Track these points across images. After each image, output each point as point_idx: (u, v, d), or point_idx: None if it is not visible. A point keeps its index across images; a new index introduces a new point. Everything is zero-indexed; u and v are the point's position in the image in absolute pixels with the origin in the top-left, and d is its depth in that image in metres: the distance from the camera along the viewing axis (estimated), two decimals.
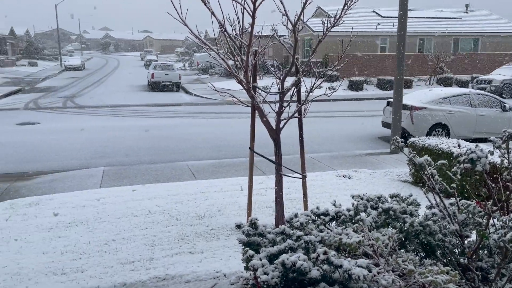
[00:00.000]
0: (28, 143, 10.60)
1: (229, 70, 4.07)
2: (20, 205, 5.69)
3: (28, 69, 43.62)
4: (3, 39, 52.26)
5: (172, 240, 4.32)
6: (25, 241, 4.31)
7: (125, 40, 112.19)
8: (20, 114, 16.09)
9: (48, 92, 24.75)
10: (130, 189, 6.35)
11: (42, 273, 3.55)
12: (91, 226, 4.77)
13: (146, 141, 10.82)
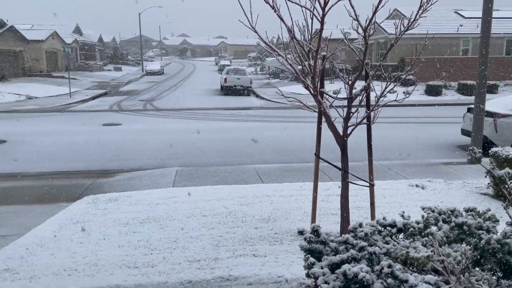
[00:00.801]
0: (110, 142, 11.45)
1: (297, 75, 4.08)
2: (101, 200, 6.15)
3: (114, 73, 47.08)
4: (92, 46, 56.93)
5: (237, 241, 4.42)
6: (104, 234, 4.66)
7: (201, 46, 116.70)
8: (105, 115, 17.41)
9: (130, 95, 26.51)
10: (200, 190, 6.59)
11: (117, 266, 3.81)
12: (163, 224, 5.03)
13: (216, 143, 11.17)
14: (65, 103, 22.01)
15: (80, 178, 8.04)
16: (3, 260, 3.91)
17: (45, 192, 7.07)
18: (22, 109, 19.80)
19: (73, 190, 7.15)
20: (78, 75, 39.25)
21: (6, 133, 12.89)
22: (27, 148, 10.79)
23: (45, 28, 43.50)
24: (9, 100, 22.96)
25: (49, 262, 3.88)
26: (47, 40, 40.24)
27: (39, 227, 5.02)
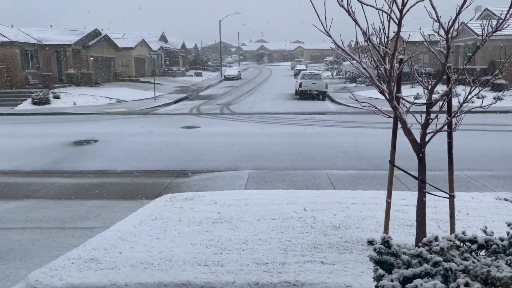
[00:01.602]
0: (189, 144, 12.00)
1: (371, 80, 3.96)
2: (178, 199, 6.46)
3: (194, 78, 49.31)
4: (176, 52, 60.13)
5: (305, 247, 4.38)
6: (178, 232, 4.89)
7: (278, 51, 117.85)
8: (185, 119, 18.29)
9: (208, 100, 27.57)
10: (271, 193, 6.65)
11: (189, 263, 3.98)
12: (234, 225, 5.15)
13: (289, 147, 11.19)
14: (150, 106, 23.49)
15: (160, 177, 8.52)
16: (89, 250, 4.28)
17: (129, 189, 7.61)
18: (113, 111, 21.49)
19: (154, 188, 7.60)
20: (162, 80, 41.70)
21: (98, 133, 14.08)
22: (115, 147, 11.68)
23: (135, 36, 46.88)
24: (102, 103, 25.07)
25: (128, 254, 4.16)
26: (136, 47, 43.30)
27: (122, 221, 5.41)
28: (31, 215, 5.94)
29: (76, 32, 32.73)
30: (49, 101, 23.77)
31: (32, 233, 5.09)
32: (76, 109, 22.13)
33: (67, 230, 5.19)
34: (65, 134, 14.01)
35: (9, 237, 4.91)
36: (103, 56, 36.03)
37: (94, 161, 10.13)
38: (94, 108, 22.51)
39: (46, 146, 11.90)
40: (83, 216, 5.91)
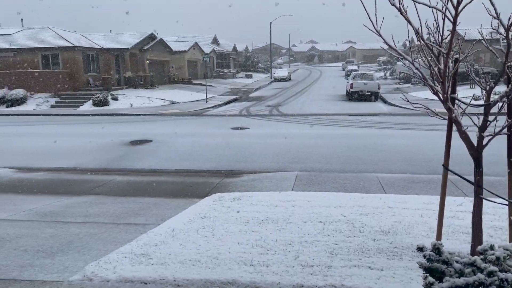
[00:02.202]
0: (238, 145, 12.16)
1: (424, 80, 3.82)
2: (227, 198, 6.58)
3: (245, 80, 49.86)
4: (227, 55, 61.15)
5: (352, 251, 4.30)
6: (226, 230, 4.98)
7: (329, 52, 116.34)
8: (234, 120, 18.56)
9: (258, 101, 27.78)
10: (318, 195, 6.59)
11: (235, 261, 4.04)
12: (280, 226, 5.16)
13: (338, 149, 11.02)
14: (201, 108, 24.07)
15: (210, 177, 8.71)
16: (141, 246, 4.46)
17: (180, 188, 7.84)
18: (166, 112, 22.24)
19: (203, 188, 7.79)
20: (214, 82, 42.57)
21: (152, 133, 14.64)
22: (168, 147, 12.09)
23: (188, 40, 48.26)
24: (157, 104, 26.03)
25: (177, 251, 4.30)
26: (189, 50, 44.53)
27: (172, 218, 5.59)
28: (89, 210, 6.29)
29: (134, 37, 34.22)
30: (108, 102, 25.04)
31: (90, 227, 5.39)
32: (132, 110, 23.14)
33: (121, 226, 5.44)
34: (122, 134, 14.70)
35: (69, 230, 5.24)
36: (158, 59, 37.40)
37: (148, 160, 10.54)
38: (149, 110, 23.42)
39: (105, 145, 12.55)
40: (137, 212, 6.17)
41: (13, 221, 5.67)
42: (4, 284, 3.61)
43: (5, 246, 4.64)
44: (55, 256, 4.33)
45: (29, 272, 3.89)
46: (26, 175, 9.14)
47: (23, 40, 29.81)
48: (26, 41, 29.60)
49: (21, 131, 16.61)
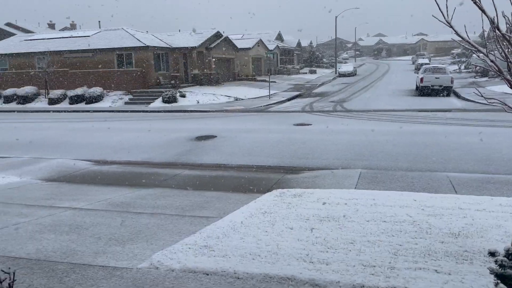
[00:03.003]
0: (300, 141, 12.11)
1: (500, 74, 3.54)
2: (287, 194, 6.59)
3: (308, 76, 49.42)
4: (291, 51, 60.94)
5: (418, 253, 4.12)
6: (286, 226, 4.99)
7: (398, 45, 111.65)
8: (297, 116, 18.49)
9: (321, 97, 27.42)
10: (383, 194, 6.38)
11: (294, 258, 4.05)
12: (341, 224, 5.07)
13: (405, 147, 10.57)
14: (264, 104, 24.27)
15: (272, 173, 8.77)
16: (204, 238, 4.62)
17: (242, 183, 7.99)
18: (230, 109, 22.72)
19: (265, 183, 7.86)
20: (277, 78, 42.68)
21: (217, 129, 15.03)
22: (231, 143, 12.35)
23: (253, 37, 48.80)
24: (222, 101, 26.66)
25: (238, 244, 4.40)
26: (254, 47, 45.02)
27: (234, 212, 5.72)
28: (157, 202, 6.62)
29: (201, 35, 35.28)
30: (176, 99, 26.09)
31: (158, 218, 5.68)
32: (198, 107, 23.92)
33: (186, 218, 5.67)
34: (188, 130, 15.26)
35: (139, 220, 5.55)
36: (223, 57, 38.26)
37: (213, 155, 10.85)
38: (214, 106, 24.06)
39: (172, 140, 13.11)
40: (201, 205, 6.39)
41: (89, 210, 6.13)
42: (80, 269, 3.92)
43: (82, 233, 5.03)
44: (126, 244, 4.62)
45: (102, 258, 4.19)
46: (101, 168, 9.82)
47: (100, 41, 31.95)
48: (103, 42, 31.68)
49: (98, 126, 17.85)
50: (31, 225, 5.37)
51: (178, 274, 3.74)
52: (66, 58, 31.61)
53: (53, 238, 4.83)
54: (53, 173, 9.30)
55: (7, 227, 5.27)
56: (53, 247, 4.52)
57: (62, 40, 33.91)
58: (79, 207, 6.35)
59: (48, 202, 6.72)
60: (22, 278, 3.70)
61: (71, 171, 9.53)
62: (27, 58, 32.80)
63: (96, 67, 30.64)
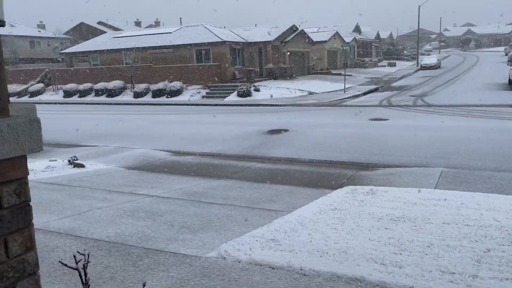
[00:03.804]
0: (375, 136, 11.62)
1: None
2: (360, 192, 6.35)
3: (387, 69, 47.36)
4: (369, 43, 58.82)
5: (505, 262, 3.72)
6: (356, 225, 4.80)
7: (488, 35, 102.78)
8: (373, 110, 17.79)
9: (401, 91, 26.11)
10: (467, 195, 5.88)
11: (364, 258, 3.86)
12: (417, 225, 4.76)
13: (494, 145, 9.66)
14: (339, 98, 23.70)
15: (344, 168, 8.52)
16: (272, 231, 4.60)
17: (313, 178, 7.86)
18: (304, 103, 22.51)
19: (336, 179, 7.65)
20: (353, 71, 41.47)
21: (289, 123, 14.97)
22: (303, 137, 12.22)
23: (329, 30, 47.88)
24: (295, 95, 26.53)
25: (306, 240, 4.31)
26: (329, 40, 44.17)
27: (303, 207, 5.63)
28: (228, 193, 6.74)
29: (276, 30, 35.36)
30: (251, 93, 26.45)
31: (228, 209, 5.77)
32: (272, 101, 24.02)
33: (255, 210, 5.70)
34: (261, 123, 15.38)
35: (210, 211, 5.69)
36: (298, 51, 38.01)
37: (284, 149, 10.82)
38: (287, 100, 24.01)
39: (245, 133, 13.31)
40: (270, 199, 6.38)
41: (164, 198, 6.42)
42: (152, 254, 4.10)
43: (157, 220, 5.27)
44: (196, 232, 4.75)
45: (174, 245, 4.35)
46: (178, 158, 10.25)
47: (180, 38, 33.38)
48: (183, 38, 33.07)
49: (177, 118, 18.69)
50: (112, 210, 5.74)
51: (244, 266, 3.76)
52: (149, 54, 33.50)
53: (131, 223, 5.12)
54: (136, 162, 9.89)
55: (91, 211, 5.69)
56: (130, 231, 4.79)
57: (147, 37, 35.98)
58: (156, 195, 6.67)
59: (129, 189, 7.15)
60: (101, 260, 3.96)
61: (151, 160, 10.06)
62: (115, 54, 35.31)
63: (177, 62, 32.09)
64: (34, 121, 1.15)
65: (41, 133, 1.18)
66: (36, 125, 1.15)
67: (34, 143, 1.16)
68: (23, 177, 1.17)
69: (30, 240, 1.18)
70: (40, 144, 1.18)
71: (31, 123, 1.14)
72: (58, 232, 4.76)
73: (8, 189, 1.14)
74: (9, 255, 1.14)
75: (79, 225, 5.01)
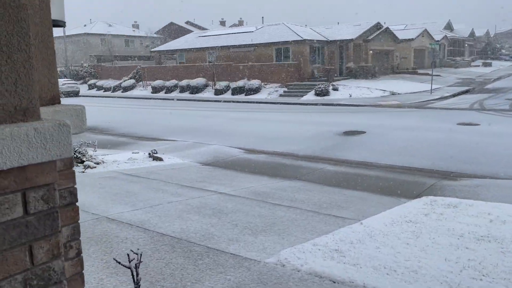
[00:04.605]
0: (463, 143, 10.67)
1: None
2: (440, 203, 5.81)
3: (481, 69, 43.58)
4: (461, 41, 54.59)
5: None
6: (432, 241, 4.37)
7: None
8: (463, 114, 16.40)
9: (496, 94, 23.82)
10: None
11: (437, 280, 3.48)
12: (505, 247, 4.21)
13: None
14: (424, 100, 22.26)
15: (423, 176, 7.91)
16: (336, 241, 4.35)
17: (388, 184, 7.39)
18: (384, 103, 21.49)
19: (413, 188, 7.12)
20: (443, 71, 38.77)
21: (367, 124, 14.35)
22: (381, 140, 11.61)
23: (416, 27, 45.28)
24: (376, 95, 25.45)
25: (372, 254, 4.01)
26: (417, 38, 41.73)
27: (373, 217, 5.29)
28: (296, 196, 6.58)
29: (359, 27, 34.23)
30: (329, 92, 25.90)
31: (293, 212, 5.62)
32: (350, 101, 23.28)
33: (321, 216, 5.47)
34: (337, 124, 14.94)
35: (275, 212, 5.58)
36: (381, 49, 36.43)
37: (359, 152, 10.36)
38: (367, 100, 23.10)
39: (319, 134, 13.00)
40: (339, 204, 6.10)
41: (232, 196, 6.44)
42: (213, 254, 4.09)
43: (222, 218, 5.29)
44: (258, 235, 4.67)
45: (235, 246, 4.30)
46: (251, 156, 10.30)
47: (261, 36, 33.74)
48: (263, 37, 33.38)
49: (253, 116, 18.88)
50: (181, 205, 5.89)
51: (303, 276, 3.59)
52: (231, 52, 34.34)
53: (197, 219, 5.19)
54: (210, 158, 10.12)
55: (162, 204, 5.89)
56: (195, 228, 4.85)
57: (229, 36, 36.93)
58: (224, 192, 6.73)
59: (200, 185, 7.30)
60: (164, 255, 4.04)
61: (225, 157, 10.23)
62: (199, 53, 36.75)
63: (256, 61, 32.49)
64: (63, 126, 1.12)
65: (70, 138, 1.14)
66: (65, 129, 1.12)
67: (63, 148, 1.13)
68: (51, 183, 1.15)
69: (57, 248, 1.16)
70: (69, 149, 1.15)
71: (60, 127, 1.11)
72: (130, 223, 4.97)
73: (35, 195, 1.12)
74: (34, 262, 1.12)
75: (149, 218, 5.20)
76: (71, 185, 1.69)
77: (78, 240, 1.75)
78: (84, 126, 1.60)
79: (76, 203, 1.73)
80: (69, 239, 1.70)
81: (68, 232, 1.70)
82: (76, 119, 1.57)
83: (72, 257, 1.72)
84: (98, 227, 4.81)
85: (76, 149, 8.74)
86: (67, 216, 1.70)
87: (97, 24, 57.70)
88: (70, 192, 1.69)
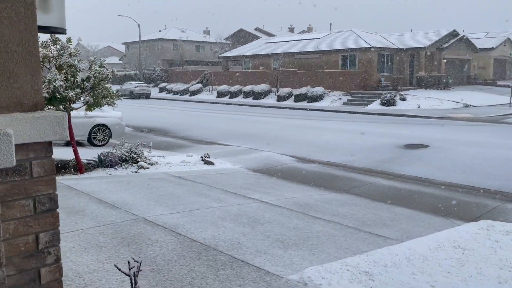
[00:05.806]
0: None
1: None
2: (497, 229, 5.25)
3: None
4: None
5: None
6: (478, 271, 3.93)
7: None
8: None
9: None
10: None
11: None
12: None
13: None
14: (501, 114, 20.55)
15: (486, 198, 7.24)
16: (369, 262, 4.07)
17: (444, 204, 6.85)
18: (455, 116, 20.12)
19: (472, 209, 6.53)
20: None
21: (432, 138, 13.51)
22: (445, 155, 10.84)
23: (499, 35, 42.01)
24: (447, 107, 23.95)
25: (405, 280, 3.69)
26: (498, 47, 38.74)
27: (418, 239, 4.90)
28: (339, 210, 6.31)
29: (432, 35, 32.51)
30: (395, 102, 24.82)
31: (332, 227, 5.37)
32: (418, 112, 22.11)
33: (361, 233, 5.17)
34: (400, 136, 14.23)
35: (312, 226, 5.37)
36: (457, 58, 34.27)
37: (418, 166, 9.76)
38: (436, 112, 21.80)
39: (378, 146, 12.45)
40: (384, 222, 5.74)
41: (272, 206, 6.32)
42: (237, 265, 4.00)
43: (256, 228, 5.19)
44: (288, 249, 4.51)
45: (261, 258, 4.18)
46: (302, 165, 10.11)
47: (327, 43, 33.27)
48: (330, 44, 32.88)
49: (312, 124, 18.59)
50: (219, 211, 5.88)
51: None
52: (296, 59, 34.25)
53: (230, 227, 5.15)
54: (260, 165, 10.09)
55: (200, 209, 5.93)
56: (225, 236, 4.80)
57: (295, 43, 36.87)
58: (266, 201, 6.63)
59: (243, 192, 7.27)
60: (188, 262, 4.03)
61: (275, 164, 10.15)
62: (265, 59, 37.09)
63: (321, 68, 32.08)
64: (3, 135, 1.11)
65: (12, 148, 1.13)
66: (5, 139, 1.11)
67: (2, 157, 1.12)
68: None
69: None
70: (10, 159, 1.13)
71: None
72: (164, 226, 5.05)
73: None
74: None
75: (184, 223, 5.25)
76: (51, 192, 1.70)
77: (57, 247, 1.75)
78: (65, 133, 1.60)
79: (56, 210, 1.74)
80: (47, 245, 1.71)
81: (46, 238, 1.71)
82: (57, 126, 1.58)
83: (50, 263, 1.72)
84: (133, 228, 4.94)
85: (132, 150, 9.14)
86: (46, 222, 1.71)
87: (171, 30, 60.57)
88: (50, 198, 1.70)
